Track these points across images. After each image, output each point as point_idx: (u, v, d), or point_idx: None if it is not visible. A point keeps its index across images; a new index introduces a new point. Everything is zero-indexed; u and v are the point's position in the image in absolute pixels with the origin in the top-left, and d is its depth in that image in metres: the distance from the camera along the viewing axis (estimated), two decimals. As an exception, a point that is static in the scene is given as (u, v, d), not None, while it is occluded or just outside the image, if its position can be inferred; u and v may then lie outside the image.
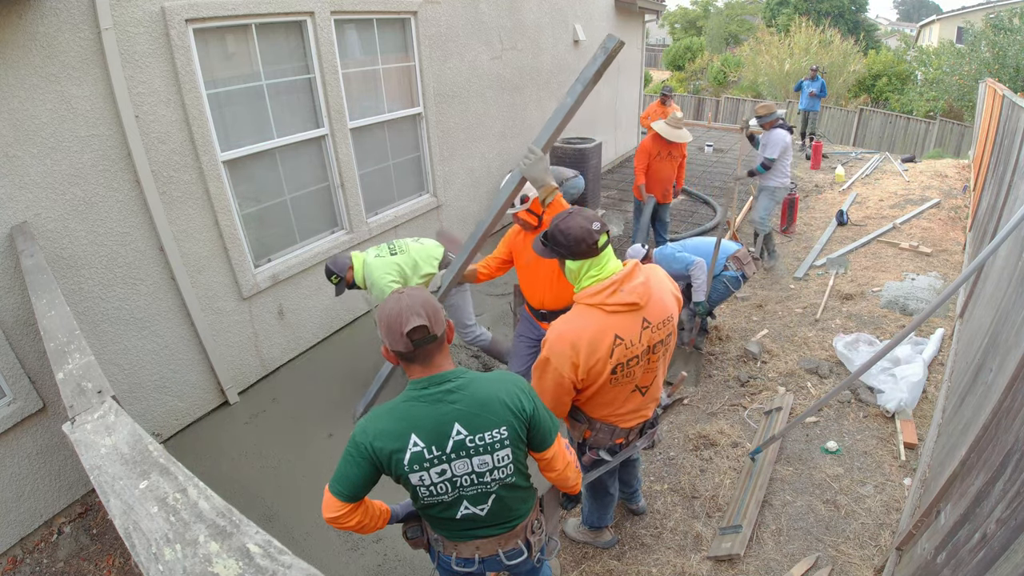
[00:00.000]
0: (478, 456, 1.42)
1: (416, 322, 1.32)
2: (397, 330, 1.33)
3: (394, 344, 1.36)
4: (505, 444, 1.43)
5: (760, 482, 2.85)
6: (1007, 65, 13.83)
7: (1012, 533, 1.17)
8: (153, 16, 2.88)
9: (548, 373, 1.79)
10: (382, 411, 1.42)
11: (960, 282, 2.01)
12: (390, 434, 1.37)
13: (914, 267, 5.22)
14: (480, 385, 1.43)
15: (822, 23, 21.09)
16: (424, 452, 1.38)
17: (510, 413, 1.43)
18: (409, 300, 1.36)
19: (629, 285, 1.74)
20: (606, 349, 1.73)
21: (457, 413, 1.39)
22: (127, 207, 2.96)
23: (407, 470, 1.38)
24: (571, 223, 1.74)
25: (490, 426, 1.41)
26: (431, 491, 1.44)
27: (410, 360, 1.39)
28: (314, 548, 2.79)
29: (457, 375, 1.42)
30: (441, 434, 1.38)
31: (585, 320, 1.74)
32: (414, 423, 1.37)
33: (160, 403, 3.35)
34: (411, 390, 1.41)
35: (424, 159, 5.04)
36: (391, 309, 1.36)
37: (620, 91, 8.93)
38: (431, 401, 1.38)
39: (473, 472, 1.44)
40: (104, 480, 1.12)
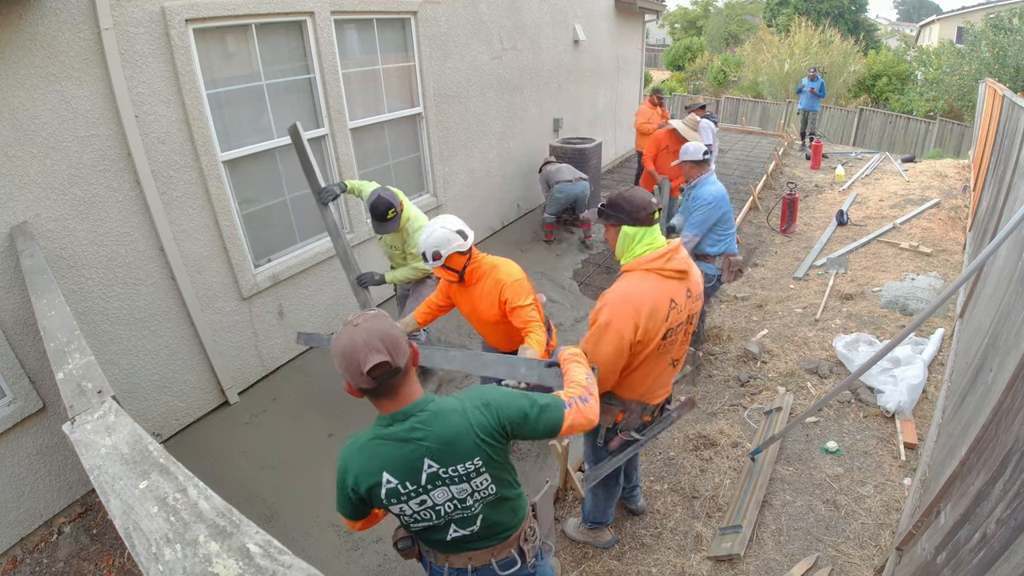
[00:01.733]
0: (455, 485, 1.38)
1: (376, 359, 1.23)
2: (355, 368, 1.24)
3: (355, 381, 1.28)
4: (481, 471, 1.39)
5: (760, 482, 2.85)
6: (1007, 65, 13.83)
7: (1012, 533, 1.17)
8: (153, 16, 2.88)
9: (608, 336, 1.87)
10: (354, 448, 1.40)
11: (960, 282, 2.01)
12: (364, 472, 1.36)
13: (914, 267, 5.22)
14: (445, 420, 1.35)
15: (822, 23, 21.08)
16: (399, 487, 1.35)
17: (480, 442, 1.37)
18: (365, 334, 1.24)
19: (678, 256, 1.94)
20: (664, 311, 1.89)
21: (425, 449, 1.33)
22: (127, 207, 2.96)
23: (386, 503, 1.38)
24: (635, 193, 1.95)
25: (462, 459, 1.36)
26: (415, 518, 1.42)
27: (374, 396, 1.34)
28: (314, 548, 2.79)
29: (421, 407, 1.35)
30: (413, 470, 1.34)
31: (647, 284, 1.89)
32: (384, 462, 1.35)
33: (160, 403, 3.35)
34: (377, 427, 1.38)
35: (424, 159, 5.04)
36: (346, 344, 1.25)
37: (620, 92, 8.93)
38: (397, 440, 1.34)
39: (453, 499, 1.40)
40: (104, 480, 1.12)
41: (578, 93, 7.54)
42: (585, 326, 4.68)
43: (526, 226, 6.59)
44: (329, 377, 3.99)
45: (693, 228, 3.62)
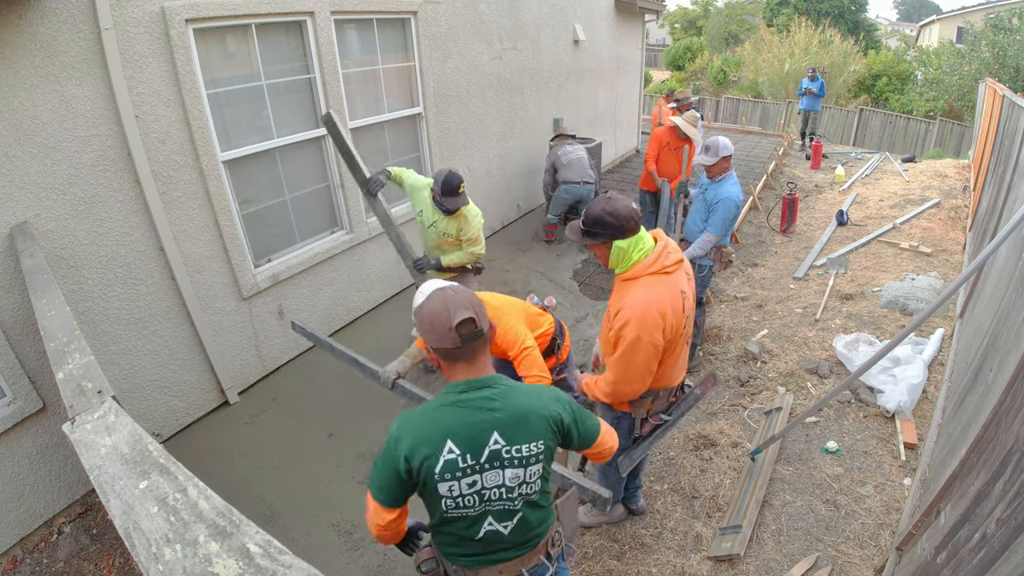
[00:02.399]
0: (511, 469, 1.36)
1: (464, 315, 1.29)
2: (444, 324, 1.29)
3: (439, 341, 1.31)
4: (539, 459, 1.38)
5: (760, 482, 2.85)
6: (1007, 65, 13.83)
7: (1012, 533, 1.17)
8: (153, 16, 2.88)
9: (640, 350, 1.91)
10: (415, 415, 1.36)
11: (960, 282, 2.01)
12: (423, 440, 1.31)
13: (914, 267, 5.22)
14: (520, 396, 1.37)
15: (822, 23, 21.08)
16: (458, 460, 1.31)
17: (549, 428, 1.38)
18: (454, 295, 1.34)
19: (670, 248, 1.97)
20: (679, 305, 1.94)
21: (496, 422, 1.32)
22: (127, 207, 2.96)
23: (437, 478, 1.31)
24: (617, 206, 1.90)
25: (528, 439, 1.35)
26: (458, 503, 1.36)
27: (455, 358, 1.34)
28: (314, 548, 2.79)
29: (496, 381, 1.37)
30: (478, 442, 1.32)
31: (658, 288, 1.92)
32: (450, 429, 1.31)
33: (160, 403, 3.35)
34: (449, 394, 1.35)
35: (424, 159, 5.03)
36: (436, 305, 1.32)
37: (620, 92, 8.93)
38: (471, 408, 1.32)
39: (503, 485, 1.37)
40: (104, 480, 1.12)
41: (578, 93, 7.53)
42: (585, 326, 4.68)
43: (526, 226, 6.59)
44: (329, 377, 3.99)
45: (716, 228, 3.62)
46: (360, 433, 3.47)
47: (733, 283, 5.37)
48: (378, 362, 4.16)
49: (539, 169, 6.80)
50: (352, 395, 3.81)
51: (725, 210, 3.56)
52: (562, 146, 5.85)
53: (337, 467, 3.24)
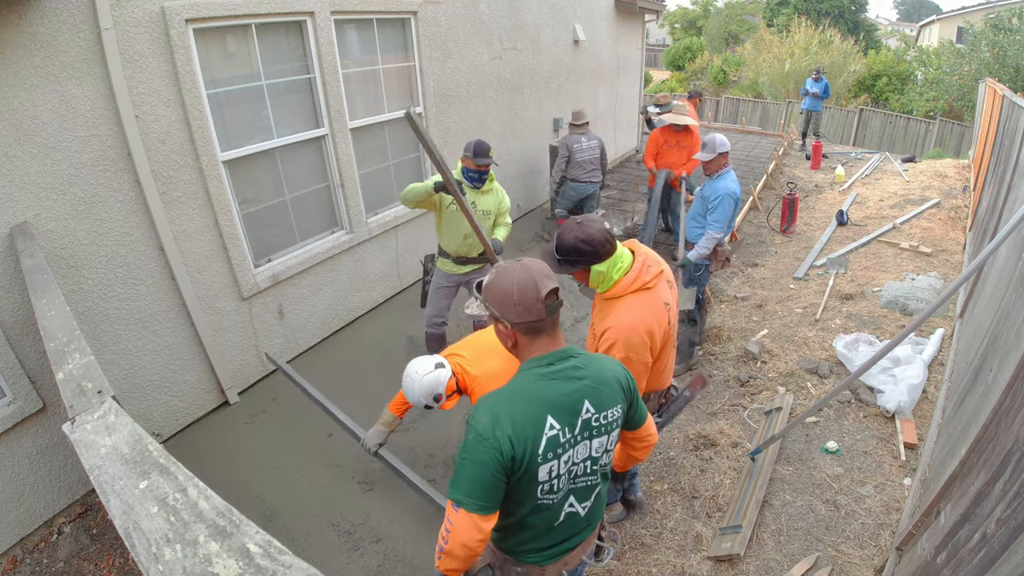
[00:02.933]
0: (598, 438, 1.34)
1: (550, 285, 1.28)
2: (533, 296, 1.26)
3: (526, 314, 1.27)
4: (618, 424, 1.38)
5: (760, 482, 2.85)
6: (1007, 65, 13.83)
7: (1012, 533, 1.17)
8: (153, 16, 2.88)
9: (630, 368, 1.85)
10: (505, 396, 1.27)
11: (960, 282, 2.01)
12: (525, 419, 1.22)
13: (914, 267, 5.22)
14: (599, 362, 1.38)
15: (822, 23, 21.08)
16: (559, 435, 1.26)
17: (623, 392, 1.39)
18: (535, 265, 1.31)
19: (649, 259, 1.96)
20: (664, 318, 1.96)
21: (587, 389, 1.30)
22: (127, 207, 2.96)
23: (540, 460, 1.24)
24: (590, 231, 1.83)
25: (611, 403, 1.34)
26: (553, 486, 1.30)
27: (538, 331, 1.31)
28: (314, 548, 2.79)
29: (576, 351, 1.35)
30: (574, 412, 1.29)
31: (642, 306, 1.91)
32: (550, 403, 1.25)
33: (160, 403, 3.35)
34: (537, 367, 1.30)
35: (424, 159, 5.03)
36: (520, 278, 1.28)
37: (620, 92, 8.93)
38: (564, 378, 1.29)
39: (590, 457, 1.35)
40: (104, 480, 1.12)
41: (578, 93, 7.53)
42: (584, 326, 4.68)
43: (526, 226, 6.59)
44: (329, 377, 3.99)
45: (718, 226, 3.63)
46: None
47: (733, 283, 5.37)
48: (378, 362, 4.18)
49: (539, 170, 6.80)
50: (352, 395, 3.81)
51: (724, 206, 3.58)
52: (579, 138, 5.69)
53: (337, 467, 3.24)
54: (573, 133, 5.74)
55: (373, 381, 3.95)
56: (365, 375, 4.01)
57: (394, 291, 4.97)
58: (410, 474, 2.85)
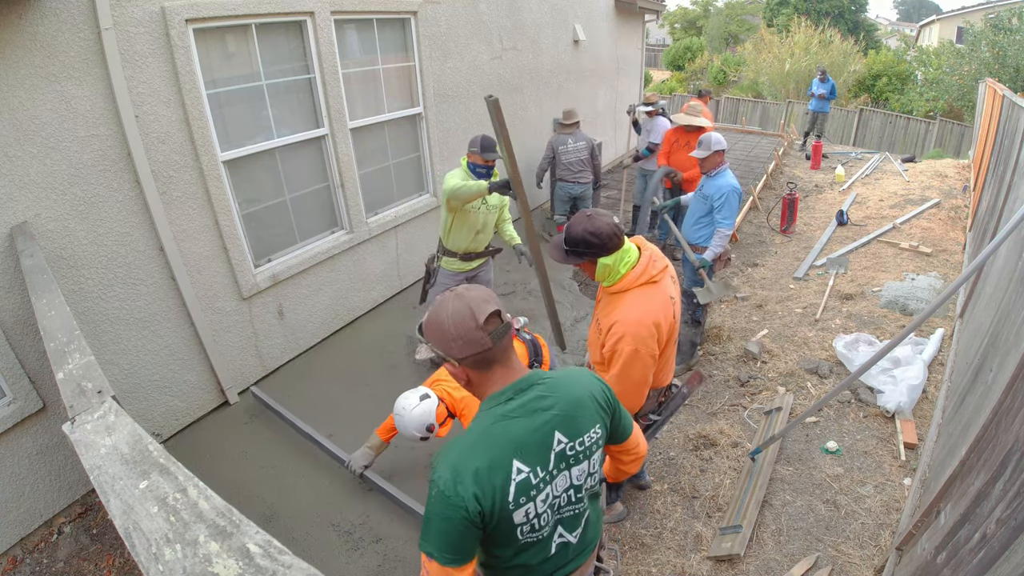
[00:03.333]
0: (578, 465, 1.23)
1: (489, 308, 1.14)
2: (470, 326, 1.12)
3: (468, 347, 1.13)
4: (599, 444, 1.27)
5: (760, 482, 2.85)
6: (1007, 65, 13.83)
7: (1012, 533, 1.17)
8: (153, 16, 2.88)
9: (638, 362, 1.93)
10: (465, 445, 1.15)
11: (960, 282, 2.01)
12: (490, 469, 1.11)
13: (914, 267, 5.21)
14: (567, 383, 1.24)
15: (822, 23, 21.08)
16: (530, 478, 1.15)
17: (601, 409, 1.27)
18: (468, 291, 1.17)
19: (655, 253, 1.99)
20: (670, 312, 1.98)
21: (556, 420, 1.18)
22: (127, 207, 2.96)
23: (512, 507, 1.13)
24: (598, 224, 1.87)
25: (588, 427, 1.23)
26: (533, 525, 1.19)
27: (489, 363, 1.17)
28: (314, 548, 2.79)
29: (539, 376, 1.22)
30: (543, 449, 1.17)
31: (648, 299, 1.93)
32: (514, 445, 1.14)
33: (160, 403, 3.35)
34: (496, 407, 1.17)
35: (424, 159, 5.03)
36: (454, 309, 1.14)
37: (620, 92, 8.93)
38: (527, 413, 1.16)
39: (571, 486, 1.24)
40: (104, 480, 1.12)
41: (578, 93, 7.53)
42: (584, 326, 4.68)
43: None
44: (329, 377, 3.99)
45: (728, 221, 3.67)
46: (360, 433, 3.46)
47: (733, 283, 5.37)
48: (378, 362, 4.18)
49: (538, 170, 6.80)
50: (352, 395, 3.81)
51: (731, 202, 3.64)
52: (566, 139, 5.67)
53: (337, 467, 3.24)
54: (561, 133, 5.74)
55: (373, 381, 3.95)
56: (365, 375, 4.01)
57: (394, 291, 4.97)
58: (396, 492, 2.91)
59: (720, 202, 3.64)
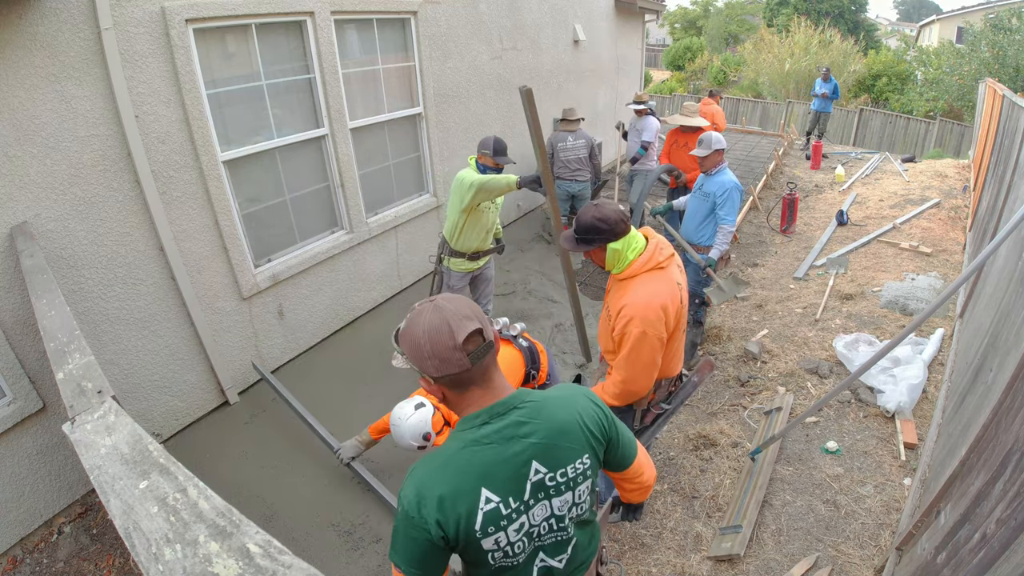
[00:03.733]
0: (559, 496, 1.13)
1: (469, 326, 1.04)
2: (447, 343, 1.03)
3: (443, 367, 1.05)
4: (587, 475, 1.16)
5: (760, 482, 2.85)
6: (1007, 65, 13.83)
7: (1012, 533, 1.17)
8: (153, 16, 2.88)
9: (647, 344, 1.97)
10: (432, 468, 1.08)
11: (960, 282, 2.01)
12: (455, 496, 1.05)
13: (914, 267, 5.21)
14: (553, 407, 1.14)
15: (822, 23, 21.09)
16: (500, 508, 1.07)
17: (591, 437, 1.16)
18: (449, 304, 1.07)
19: (661, 241, 2.05)
20: (677, 298, 2.03)
21: (533, 449, 1.09)
22: (127, 207, 2.96)
23: (479, 535, 1.07)
24: (606, 211, 1.95)
25: (572, 457, 1.13)
26: (506, 552, 1.12)
27: (465, 384, 1.09)
28: (314, 548, 2.79)
29: (521, 398, 1.12)
30: (518, 478, 1.08)
31: (655, 283, 1.99)
32: (483, 474, 1.06)
33: (160, 403, 3.35)
34: (468, 430, 1.09)
35: (424, 159, 5.03)
36: (432, 320, 1.05)
37: (620, 92, 8.93)
38: (501, 440, 1.07)
39: (552, 516, 1.15)
40: (104, 480, 1.12)
41: (578, 93, 7.53)
42: (584, 325, 4.68)
43: (526, 226, 6.59)
44: (329, 377, 3.99)
45: (731, 218, 3.69)
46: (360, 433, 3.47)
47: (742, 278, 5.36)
48: (377, 362, 4.17)
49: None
50: (352, 395, 3.81)
51: (733, 199, 3.67)
52: (565, 136, 5.69)
53: (337, 467, 3.24)
54: (560, 130, 5.76)
55: (373, 381, 3.95)
56: (365, 375, 4.01)
57: (394, 291, 4.97)
58: (378, 486, 2.99)
59: (723, 199, 3.65)
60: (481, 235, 3.60)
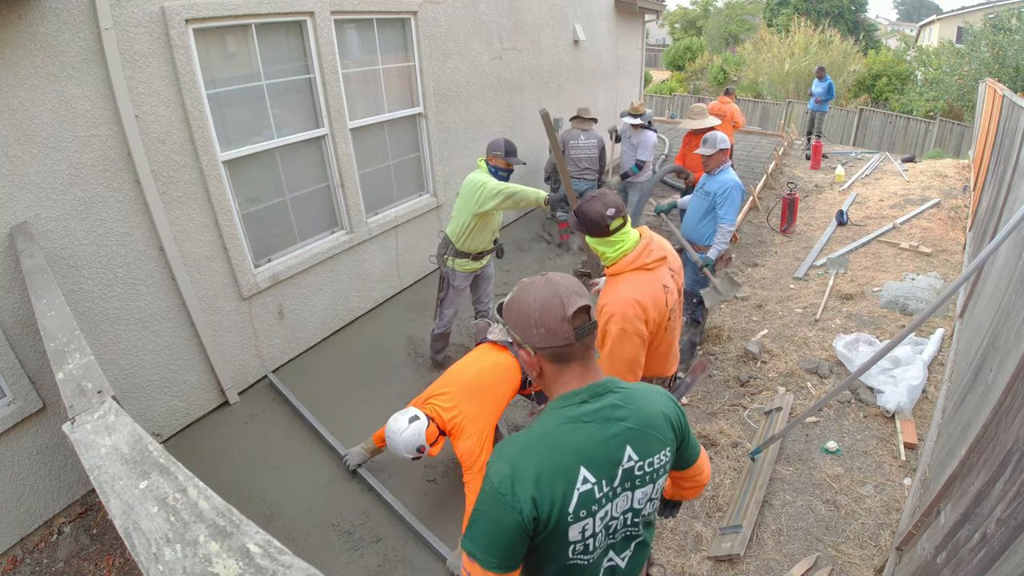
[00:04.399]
0: (642, 488, 1.12)
1: (579, 302, 1.05)
2: (557, 316, 1.04)
3: (549, 338, 1.05)
4: (666, 469, 1.16)
5: (760, 482, 2.85)
6: (1007, 65, 13.83)
7: (1012, 533, 1.17)
8: (153, 16, 2.88)
9: (627, 341, 1.96)
10: (529, 442, 1.06)
11: (960, 282, 2.01)
12: (554, 473, 1.01)
13: (914, 267, 5.21)
14: (643, 396, 1.14)
15: (822, 23, 21.09)
16: (595, 491, 1.04)
17: (672, 430, 1.16)
18: (564, 280, 1.09)
19: (654, 243, 2.05)
20: (662, 299, 2.02)
21: (629, 434, 1.08)
22: (127, 207, 2.96)
23: (570, 520, 1.03)
24: (589, 207, 1.97)
25: (658, 448, 1.12)
26: (586, 546, 1.08)
27: (567, 359, 1.09)
28: (314, 548, 2.79)
29: (616, 383, 1.12)
30: (612, 462, 1.06)
31: (638, 282, 2.00)
32: (583, 452, 1.04)
33: (160, 403, 3.35)
34: (567, 407, 1.08)
35: (424, 159, 5.03)
36: (542, 295, 1.07)
37: (620, 92, 8.93)
38: (600, 420, 1.06)
39: (631, 509, 1.13)
40: (104, 480, 1.12)
41: (578, 93, 7.53)
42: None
43: (526, 226, 6.59)
44: (329, 377, 3.99)
45: (731, 217, 3.71)
46: (359, 432, 3.47)
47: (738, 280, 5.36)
48: (377, 362, 4.18)
49: (539, 169, 6.80)
50: (352, 394, 3.81)
51: (734, 198, 3.69)
52: (578, 135, 5.75)
53: (337, 467, 3.24)
54: (574, 128, 5.78)
55: (373, 381, 3.95)
56: (365, 375, 4.01)
57: (394, 291, 4.97)
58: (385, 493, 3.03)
59: (723, 197, 3.67)
60: (489, 236, 3.64)
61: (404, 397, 2.73)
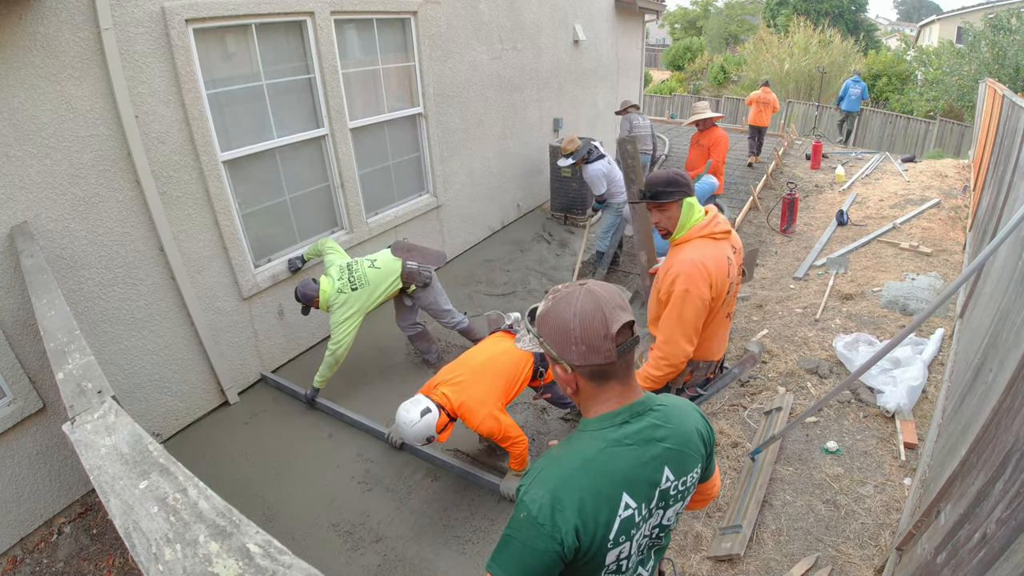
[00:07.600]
0: (674, 505, 1.08)
1: (624, 318, 0.98)
2: (599, 333, 0.96)
3: (590, 355, 0.98)
4: (695, 485, 1.12)
5: (760, 482, 2.85)
6: (1007, 65, 13.83)
7: (1012, 533, 1.17)
8: (153, 16, 2.88)
9: (690, 302, 2.01)
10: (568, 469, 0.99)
11: (960, 282, 2.01)
12: (597, 500, 0.96)
13: (914, 267, 5.21)
14: (679, 413, 1.10)
15: (821, 23, 21.09)
16: (635, 515, 1.00)
17: (703, 445, 1.12)
18: (605, 291, 1.00)
19: (719, 218, 2.14)
20: (725, 268, 2.08)
21: (668, 454, 1.04)
22: (127, 207, 2.96)
23: (610, 546, 0.99)
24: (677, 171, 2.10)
25: (692, 466, 1.08)
26: (621, 567, 1.05)
27: (606, 377, 1.01)
28: (314, 548, 2.79)
29: (653, 400, 1.07)
30: (651, 484, 1.02)
31: (705, 247, 2.07)
32: (625, 478, 0.99)
33: (160, 403, 3.35)
34: (606, 429, 1.02)
35: (424, 159, 5.04)
36: (584, 308, 0.98)
37: (620, 92, 8.93)
38: (641, 442, 1.01)
39: (659, 526, 1.09)
40: (104, 480, 1.12)
41: (578, 93, 7.54)
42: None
43: (526, 226, 6.59)
44: (329, 377, 3.99)
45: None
46: (360, 433, 3.47)
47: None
48: (378, 361, 4.18)
49: (539, 169, 6.81)
50: (352, 395, 3.81)
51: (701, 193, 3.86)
52: (637, 117, 6.74)
53: (337, 467, 3.24)
54: (629, 114, 6.78)
55: (373, 380, 3.95)
56: (365, 375, 4.01)
57: (394, 291, 4.96)
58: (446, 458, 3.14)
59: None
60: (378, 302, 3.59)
61: (404, 397, 2.73)
